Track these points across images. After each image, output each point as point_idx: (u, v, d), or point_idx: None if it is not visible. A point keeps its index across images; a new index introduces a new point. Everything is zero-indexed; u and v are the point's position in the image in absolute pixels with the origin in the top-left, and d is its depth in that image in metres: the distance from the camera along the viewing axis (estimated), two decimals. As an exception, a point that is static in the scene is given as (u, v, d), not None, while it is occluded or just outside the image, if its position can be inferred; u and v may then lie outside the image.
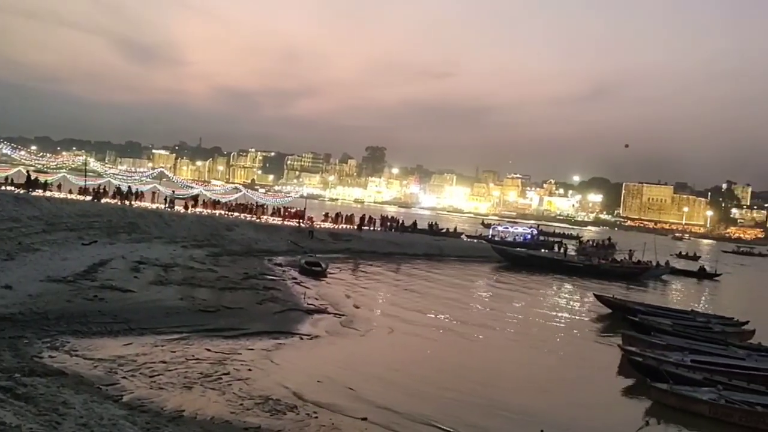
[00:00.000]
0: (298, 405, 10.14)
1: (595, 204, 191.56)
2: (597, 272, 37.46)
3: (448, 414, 10.73)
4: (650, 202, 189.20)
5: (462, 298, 24.96)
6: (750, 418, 11.53)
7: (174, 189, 46.88)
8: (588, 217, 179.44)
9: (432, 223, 53.89)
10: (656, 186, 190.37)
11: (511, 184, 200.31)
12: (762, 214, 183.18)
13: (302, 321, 16.70)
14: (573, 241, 61.78)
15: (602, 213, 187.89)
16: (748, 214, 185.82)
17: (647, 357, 14.51)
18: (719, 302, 32.21)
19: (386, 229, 46.46)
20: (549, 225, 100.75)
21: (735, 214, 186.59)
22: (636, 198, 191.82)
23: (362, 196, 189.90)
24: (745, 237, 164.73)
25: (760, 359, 15.47)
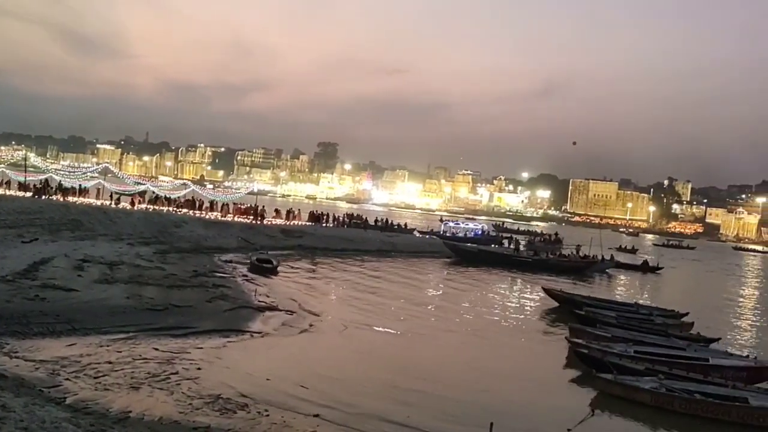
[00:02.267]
0: (248, 403, 10.04)
1: (544, 200, 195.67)
2: (545, 267, 38.27)
3: (400, 409, 10.80)
4: (596, 198, 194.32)
5: (414, 293, 25.12)
6: (689, 405, 11.99)
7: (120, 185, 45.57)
8: (537, 213, 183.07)
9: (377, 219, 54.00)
10: (602, 182, 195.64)
11: (462, 180, 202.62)
12: (701, 210, 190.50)
13: (253, 319, 16.52)
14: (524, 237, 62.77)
15: (550, 209, 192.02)
16: (688, 209, 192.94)
17: (593, 349, 14.93)
18: (661, 295, 33.35)
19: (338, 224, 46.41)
20: (498, 220, 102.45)
21: (676, 209, 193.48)
22: (582, 194, 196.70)
23: (314, 192, 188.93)
24: (685, 231, 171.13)
25: (698, 349, 16.10)
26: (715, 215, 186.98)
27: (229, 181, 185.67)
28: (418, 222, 69.59)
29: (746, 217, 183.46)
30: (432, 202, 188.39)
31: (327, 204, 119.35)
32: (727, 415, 11.78)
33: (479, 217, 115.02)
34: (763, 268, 74.55)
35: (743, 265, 76.97)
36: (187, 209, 39.59)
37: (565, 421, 10.95)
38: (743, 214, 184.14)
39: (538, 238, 60.97)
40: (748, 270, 67.94)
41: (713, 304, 31.84)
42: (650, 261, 49.13)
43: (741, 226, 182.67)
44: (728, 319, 26.54)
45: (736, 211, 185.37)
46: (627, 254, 58.91)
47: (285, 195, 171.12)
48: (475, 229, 56.36)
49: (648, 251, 70.82)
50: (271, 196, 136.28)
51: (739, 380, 13.44)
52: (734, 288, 43.76)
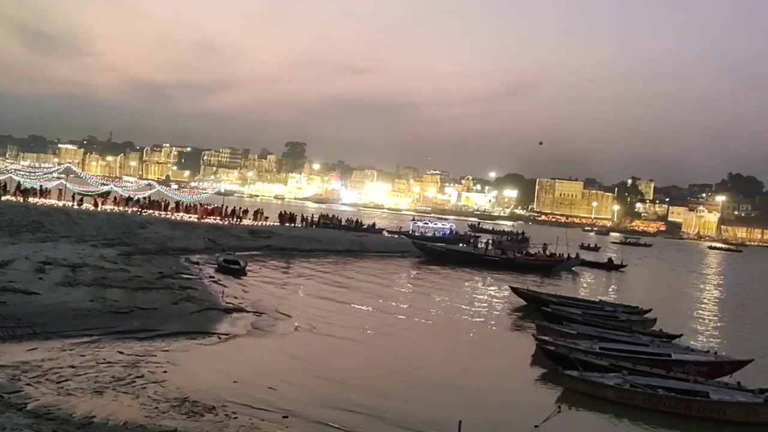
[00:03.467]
0: (216, 406, 9.93)
1: (511, 199, 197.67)
2: (513, 265, 38.70)
3: (368, 409, 10.81)
4: (562, 197, 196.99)
5: (383, 293, 25.16)
6: (651, 400, 12.25)
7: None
8: (504, 212, 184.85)
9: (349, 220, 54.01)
10: (567, 182, 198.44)
11: (430, 180, 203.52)
12: (663, 208, 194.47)
13: (220, 320, 16.36)
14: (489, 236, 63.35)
15: (517, 208, 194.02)
16: (651, 208, 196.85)
17: (559, 346, 15.15)
18: (625, 292, 33.97)
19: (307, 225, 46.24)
20: (474, 221, 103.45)
21: (639, 208, 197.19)
22: (549, 193, 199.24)
23: (282, 192, 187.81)
24: (648, 230, 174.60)
25: (661, 345, 16.46)
26: (676, 214, 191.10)
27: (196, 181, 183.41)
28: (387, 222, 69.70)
29: (707, 215, 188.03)
30: (401, 201, 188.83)
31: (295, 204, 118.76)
32: (689, 409, 12.07)
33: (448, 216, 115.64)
34: (725, 265, 76.52)
35: (705, 262, 78.87)
36: (153, 210, 39.00)
37: (533, 417, 11.10)
38: (704, 213, 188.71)
39: (506, 237, 61.59)
40: (709, 267, 69.65)
41: (675, 300, 32.62)
42: (614, 259, 50.06)
43: (702, 224, 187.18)
44: (690, 315, 27.18)
45: (697, 209, 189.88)
46: (590, 252, 59.93)
47: (253, 195, 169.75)
48: (444, 228, 56.71)
49: (608, 249, 72.13)
50: (238, 197, 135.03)
51: (700, 375, 13.78)
52: (695, 285, 44.84)
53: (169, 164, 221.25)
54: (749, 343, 20.31)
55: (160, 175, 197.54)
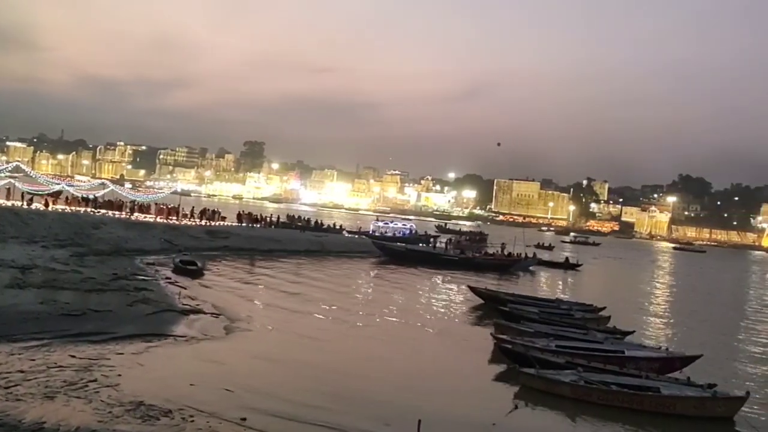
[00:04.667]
0: (172, 409, 9.75)
1: (469, 200, 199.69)
2: (471, 265, 39.09)
3: (327, 409, 10.78)
4: (519, 197, 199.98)
5: (342, 293, 25.10)
6: (606, 396, 12.54)
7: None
8: (463, 212, 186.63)
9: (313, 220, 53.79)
10: (525, 182, 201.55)
11: (390, 180, 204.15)
12: (617, 209, 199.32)
13: (177, 322, 16.09)
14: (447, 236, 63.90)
15: (476, 208, 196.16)
16: (606, 208, 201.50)
17: (516, 344, 15.38)
18: (580, 291, 34.67)
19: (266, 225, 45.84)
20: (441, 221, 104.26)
21: (594, 208, 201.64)
22: (506, 194, 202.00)
23: (241, 192, 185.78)
24: (602, 229, 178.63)
25: (615, 342, 16.87)
26: (630, 214, 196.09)
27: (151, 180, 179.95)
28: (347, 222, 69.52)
29: (658, 215, 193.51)
30: (361, 201, 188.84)
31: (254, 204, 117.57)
32: (641, 404, 12.39)
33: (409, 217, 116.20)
34: (676, 264, 78.81)
35: (657, 261, 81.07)
36: (107, 210, 38.11)
37: (491, 415, 11.24)
38: (655, 213, 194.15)
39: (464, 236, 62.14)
40: (661, 266, 71.62)
41: (628, 298, 33.44)
42: (571, 258, 51.05)
43: (653, 224, 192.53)
44: (642, 312, 27.91)
45: (649, 209, 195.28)
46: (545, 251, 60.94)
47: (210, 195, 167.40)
48: (404, 228, 56.91)
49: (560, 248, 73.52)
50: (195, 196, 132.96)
51: (652, 371, 14.16)
52: (648, 283, 46.08)
53: (123, 163, 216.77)
54: (698, 340, 20.93)
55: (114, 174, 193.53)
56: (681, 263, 79.71)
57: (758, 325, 27.08)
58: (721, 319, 28.76)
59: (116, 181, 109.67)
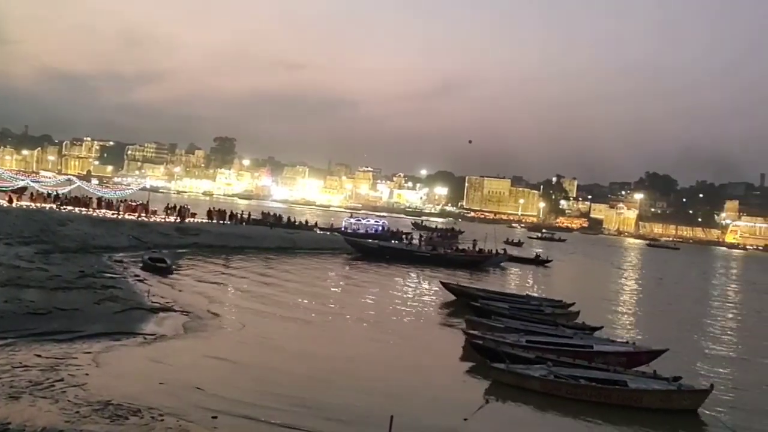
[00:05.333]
0: (142, 409, 9.62)
1: (441, 196, 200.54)
2: (443, 261, 39.26)
3: (299, 407, 10.75)
4: (490, 194, 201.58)
5: (314, 290, 25.03)
6: (575, 390, 12.73)
7: None
8: (435, 209, 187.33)
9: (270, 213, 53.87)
10: (496, 179, 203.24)
11: (362, 177, 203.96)
12: (586, 205, 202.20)
13: (146, 320, 15.89)
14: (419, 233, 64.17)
15: (447, 205, 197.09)
16: (575, 205, 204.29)
17: (487, 339, 15.51)
18: (550, 286, 35.11)
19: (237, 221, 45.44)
20: (399, 217, 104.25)
21: (563, 205, 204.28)
22: (478, 191, 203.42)
23: (211, 189, 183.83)
24: (571, 226, 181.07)
25: (584, 337, 17.12)
26: (598, 210, 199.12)
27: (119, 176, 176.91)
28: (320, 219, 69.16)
29: (626, 212, 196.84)
30: (333, 198, 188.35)
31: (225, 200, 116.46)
32: (609, 397, 12.61)
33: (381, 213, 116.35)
34: (644, 260, 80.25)
35: (626, 257, 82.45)
36: (73, 206, 37.40)
37: (462, 410, 11.32)
38: (623, 210, 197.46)
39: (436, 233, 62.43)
40: (630, 262, 72.86)
41: (597, 294, 33.99)
42: (541, 255, 51.67)
43: (621, 220, 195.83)
44: (610, 307, 28.37)
45: (617, 206, 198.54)
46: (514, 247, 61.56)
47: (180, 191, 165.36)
48: (376, 225, 56.94)
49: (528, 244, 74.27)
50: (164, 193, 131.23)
51: (619, 365, 14.41)
52: (616, 279, 46.85)
53: (90, 159, 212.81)
54: (665, 334, 21.35)
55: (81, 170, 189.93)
56: (648, 259, 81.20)
57: (722, 320, 27.76)
58: (686, 313, 29.38)
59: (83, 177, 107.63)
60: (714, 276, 61.68)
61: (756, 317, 30.40)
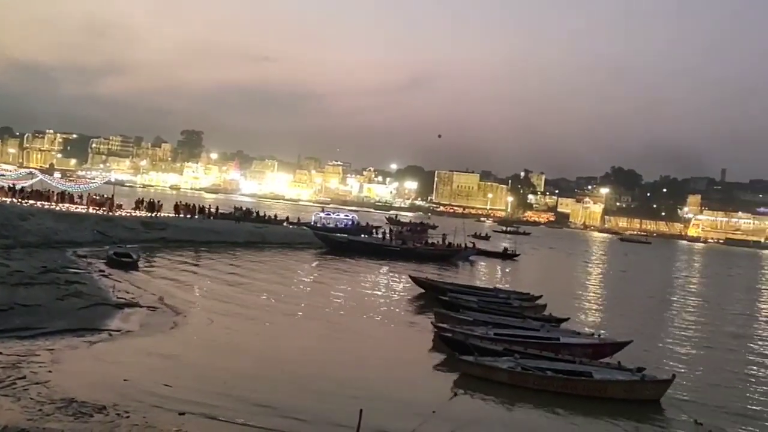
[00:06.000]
0: (106, 405, 9.48)
1: (411, 191, 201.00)
2: (413, 255, 39.43)
3: (268, 402, 10.72)
4: (459, 188, 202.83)
5: (283, 284, 24.93)
6: (541, 382, 12.93)
7: None
8: (405, 203, 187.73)
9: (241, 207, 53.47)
10: (465, 174, 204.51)
11: (332, 171, 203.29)
12: (553, 200, 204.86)
13: (111, 316, 15.65)
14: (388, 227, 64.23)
15: (417, 199, 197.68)
16: (542, 199, 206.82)
17: (456, 332, 15.64)
18: (518, 280, 35.50)
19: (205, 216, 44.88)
20: (369, 211, 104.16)
21: (531, 199, 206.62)
22: (447, 185, 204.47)
23: (178, 183, 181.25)
24: (539, 220, 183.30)
25: (550, 329, 17.37)
26: (565, 205, 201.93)
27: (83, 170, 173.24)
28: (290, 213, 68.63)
29: (592, 206, 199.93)
30: (302, 192, 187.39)
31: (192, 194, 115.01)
32: (574, 388, 12.83)
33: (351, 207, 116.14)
34: (609, 253, 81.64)
35: (591, 251, 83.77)
36: (35, 200, 36.53)
37: (431, 402, 11.39)
38: (589, 204, 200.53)
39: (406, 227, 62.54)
40: (594, 255, 74.06)
41: (564, 287, 34.49)
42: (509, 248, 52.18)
43: (587, 214, 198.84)
44: (576, 300, 28.83)
45: (584, 201, 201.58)
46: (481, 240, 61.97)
47: (146, 185, 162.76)
48: (345, 219, 56.82)
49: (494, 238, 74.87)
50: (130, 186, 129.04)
51: (585, 356, 14.67)
52: (582, 272, 47.63)
53: (53, 152, 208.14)
54: (629, 326, 21.75)
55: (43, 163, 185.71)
56: (614, 252, 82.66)
57: (684, 313, 28.40)
58: (650, 306, 29.99)
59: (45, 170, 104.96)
60: (677, 269, 63.07)
61: (717, 310, 31.19)
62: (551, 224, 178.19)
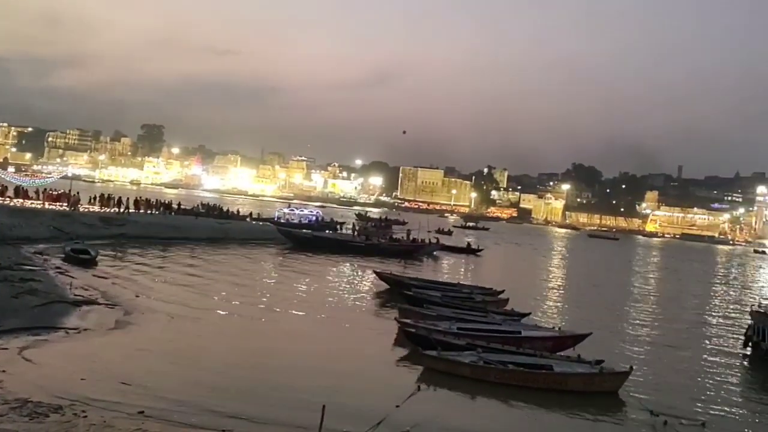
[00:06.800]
0: (63, 405, 9.26)
1: (376, 186, 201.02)
2: (377, 251, 39.46)
3: (229, 399, 10.62)
4: (424, 184, 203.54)
5: (246, 281, 24.68)
6: (503, 375, 13.10)
7: None
8: (369, 199, 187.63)
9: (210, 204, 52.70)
10: (429, 170, 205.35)
11: (296, 166, 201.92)
12: (516, 196, 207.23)
13: (68, 314, 15.30)
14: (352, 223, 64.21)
15: (382, 195, 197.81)
16: (505, 195, 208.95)
17: (419, 327, 15.72)
18: (481, 275, 35.88)
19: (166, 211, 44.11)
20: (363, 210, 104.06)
21: (494, 195, 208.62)
22: (412, 181, 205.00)
23: (139, 178, 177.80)
24: (502, 216, 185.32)
25: (512, 323, 17.62)
26: (527, 201, 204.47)
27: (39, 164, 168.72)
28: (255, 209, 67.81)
29: (553, 202, 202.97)
30: (266, 188, 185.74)
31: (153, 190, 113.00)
32: (535, 381, 13.04)
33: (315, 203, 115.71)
34: (570, 248, 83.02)
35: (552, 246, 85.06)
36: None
37: (394, 398, 11.44)
38: (551, 200, 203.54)
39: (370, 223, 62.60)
40: (556, 251, 75.23)
41: (526, 281, 35.00)
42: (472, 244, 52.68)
43: (549, 210, 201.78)
44: (538, 294, 29.28)
45: (545, 196, 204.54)
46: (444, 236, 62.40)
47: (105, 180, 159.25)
48: (310, 215, 56.57)
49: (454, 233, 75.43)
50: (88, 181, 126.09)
51: (545, 350, 14.90)
52: (544, 267, 48.32)
53: (7, 145, 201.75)
54: (588, 319, 22.16)
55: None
56: (575, 247, 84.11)
57: (642, 306, 29.10)
58: (609, 300, 30.61)
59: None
60: (636, 264, 64.52)
61: (673, 303, 32.04)
62: (513, 220, 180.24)
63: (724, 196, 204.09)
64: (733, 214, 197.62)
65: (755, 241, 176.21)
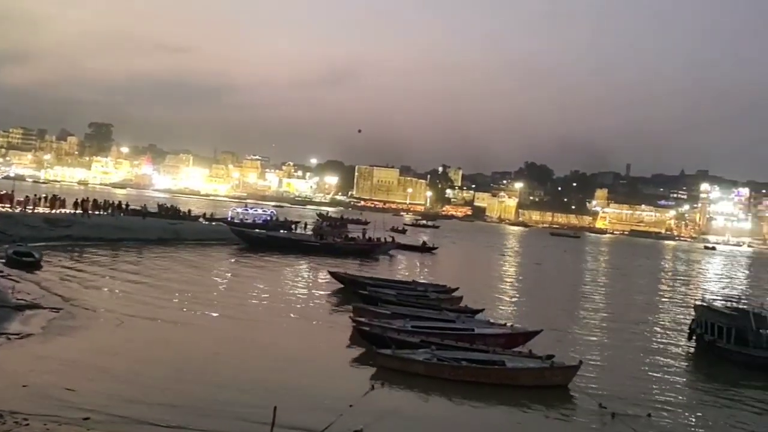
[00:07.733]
0: (3, 414, 8.92)
1: (331, 185, 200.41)
2: (333, 250, 39.31)
3: (180, 401, 10.44)
4: (380, 183, 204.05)
5: (199, 282, 24.26)
6: (456, 372, 13.22)
7: None
8: (325, 198, 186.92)
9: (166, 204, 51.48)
10: (385, 169, 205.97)
11: (250, 165, 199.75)
12: (470, 194, 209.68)
13: (10, 319, 14.75)
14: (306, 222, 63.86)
15: (338, 194, 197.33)
16: (460, 194, 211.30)
17: (374, 326, 15.73)
18: (435, 272, 36.13)
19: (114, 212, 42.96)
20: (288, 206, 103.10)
21: (449, 194, 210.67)
22: (367, 180, 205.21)
23: (86, 178, 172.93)
24: (456, 214, 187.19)
25: (466, 320, 17.78)
26: (481, 199, 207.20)
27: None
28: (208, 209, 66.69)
29: (507, 200, 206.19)
30: (219, 187, 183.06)
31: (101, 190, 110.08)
32: (488, 377, 13.20)
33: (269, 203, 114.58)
34: (524, 246, 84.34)
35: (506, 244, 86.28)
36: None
37: (348, 397, 11.42)
38: (505, 198, 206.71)
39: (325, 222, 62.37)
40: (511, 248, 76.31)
41: (480, 279, 35.41)
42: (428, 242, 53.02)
43: (503, 208, 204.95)
44: (491, 291, 29.63)
45: (499, 195, 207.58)
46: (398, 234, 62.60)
47: (51, 180, 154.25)
48: (263, 215, 56.00)
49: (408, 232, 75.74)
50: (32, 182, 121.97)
51: (498, 346, 15.10)
52: (498, 264, 48.98)
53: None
54: (540, 315, 22.56)
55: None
56: (529, 245, 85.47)
57: (591, 302, 29.74)
58: (560, 296, 31.24)
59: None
60: (587, 260, 66.00)
61: (622, 298, 32.90)
62: (468, 218, 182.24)
63: (670, 194, 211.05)
64: (678, 211, 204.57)
65: (700, 236, 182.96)
